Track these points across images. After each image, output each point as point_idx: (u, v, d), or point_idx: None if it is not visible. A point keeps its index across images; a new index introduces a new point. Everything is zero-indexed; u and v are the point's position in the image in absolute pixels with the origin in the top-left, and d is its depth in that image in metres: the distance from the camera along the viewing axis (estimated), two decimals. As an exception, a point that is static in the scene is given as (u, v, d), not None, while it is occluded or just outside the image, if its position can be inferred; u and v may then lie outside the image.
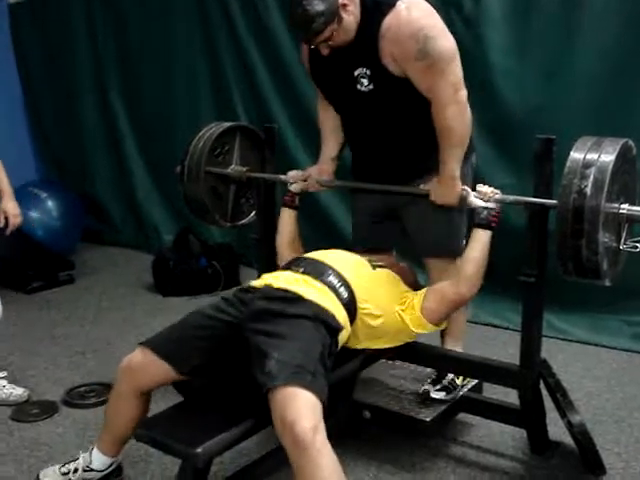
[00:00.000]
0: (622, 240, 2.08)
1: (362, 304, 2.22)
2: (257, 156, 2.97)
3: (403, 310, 2.29)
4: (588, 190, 1.91)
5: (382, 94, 2.35)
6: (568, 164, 1.98)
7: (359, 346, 2.31)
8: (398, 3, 2.23)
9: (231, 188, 2.93)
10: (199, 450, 1.80)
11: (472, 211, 2.34)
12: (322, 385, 1.87)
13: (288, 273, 2.24)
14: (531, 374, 2.29)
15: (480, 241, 2.26)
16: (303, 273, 2.20)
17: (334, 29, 2.23)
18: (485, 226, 2.26)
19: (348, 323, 2.17)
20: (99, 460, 2.24)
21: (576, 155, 1.98)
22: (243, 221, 3.05)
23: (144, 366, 2.07)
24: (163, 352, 2.05)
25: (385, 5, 2.25)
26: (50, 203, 5.26)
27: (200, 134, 2.86)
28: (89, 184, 5.96)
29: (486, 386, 2.72)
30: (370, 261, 2.39)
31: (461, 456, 2.54)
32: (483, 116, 2.28)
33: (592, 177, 1.92)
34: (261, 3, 4.52)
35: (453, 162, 2.30)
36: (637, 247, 2.07)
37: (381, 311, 2.26)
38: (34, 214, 5.15)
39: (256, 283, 2.22)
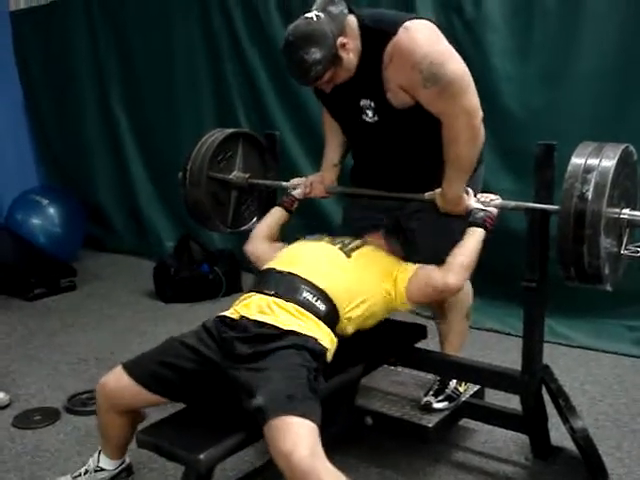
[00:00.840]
0: (623, 245, 2.08)
1: (344, 307, 2.14)
2: (260, 163, 2.97)
3: (389, 288, 2.23)
4: (590, 194, 1.92)
5: (387, 126, 2.30)
6: (569, 169, 1.98)
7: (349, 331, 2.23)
8: (400, 30, 2.11)
9: (232, 194, 2.93)
10: (202, 456, 1.79)
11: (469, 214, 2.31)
12: (314, 408, 1.83)
13: (259, 297, 2.11)
14: (533, 379, 2.29)
15: (473, 238, 2.22)
16: (275, 295, 2.09)
17: (334, 71, 2.18)
18: (479, 225, 2.23)
19: (333, 337, 2.11)
20: (107, 462, 2.24)
21: (577, 160, 1.99)
22: (243, 228, 3.03)
23: (120, 390, 2.04)
24: (140, 377, 2.01)
25: (386, 32, 2.14)
26: (52, 210, 5.27)
27: (203, 139, 2.86)
28: (91, 191, 5.98)
29: (488, 392, 2.71)
30: (343, 248, 2.28)
31: (463, 462, 2.54)
32: (484, 121, 2.27)
33: (593, 181, 1.93)
34: (263, 11, 4.54)
35: (459, 184, 2.26)
36: (638, 252, 2.07)
37: (365, 300, 2.19)
38: (36, 221, 5.17)
39: (231, 314, 2.11)
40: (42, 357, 3.62)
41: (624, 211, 2.06)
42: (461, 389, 2.58)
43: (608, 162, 1.95)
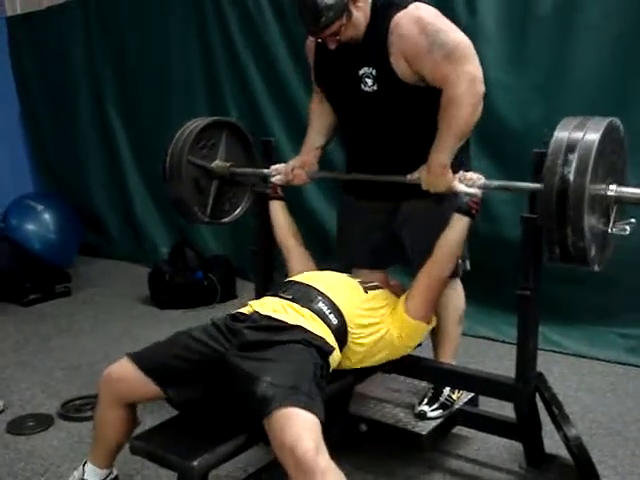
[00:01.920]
0: (611, 223, 2.02)
1: (354, 330, 2.18)
2: (244, 156, 2.93)
3: (394, 326, 2.27)
4: (572, 169, 1.86)
5: (386, 96, 2.33)
6: (552, 143, 1.93)
7: (352, 367, 2.28)
8: (410, 4, 2.25)
9: (213, 184, 2.85)
10: (195, 463, 1.79)
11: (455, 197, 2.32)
12: (319, 404, 1.83)
13: (276, 299, 2.20)
14: (527, 387, 2.29)
15: (456, 227, 2.24)
16: (292, 300, 2.17)
17: (342, 24, 2.23)
18: (465, 212, 2.24)
19: (339, 352, 2.14)
20: (93, 473, 2.18)
21: (560, 134, 1.93)
22: (224, 220, 2.95)
23: (125, 378, 2.03)
24: (147, 367, 2.01)
25: (395, 5, 2.26)
26: (47, 216, 5.28)
27: (186, 125, 2.81)
28: (86, 197, 5.98)
29: (482, 399, 2.71)
30: (362, 283, 2.36)
31: (457, 469, 2.54)
32: (478, 130, 2.28)
33: (577, 154, 1.86)
34: (258, 15, 4.56)
35: (446, 152, 2.25)
36: (626, 230, 2.01)
37: (375, 335, 2.23)
38: (31, 227, 5.17)
39: (244, 310, 2.19)
40: (36, 363, 3.61)
41: (611, 187, 2.00)
42: (455, 396, 2.58)
43: (592, 135, 1.89)
